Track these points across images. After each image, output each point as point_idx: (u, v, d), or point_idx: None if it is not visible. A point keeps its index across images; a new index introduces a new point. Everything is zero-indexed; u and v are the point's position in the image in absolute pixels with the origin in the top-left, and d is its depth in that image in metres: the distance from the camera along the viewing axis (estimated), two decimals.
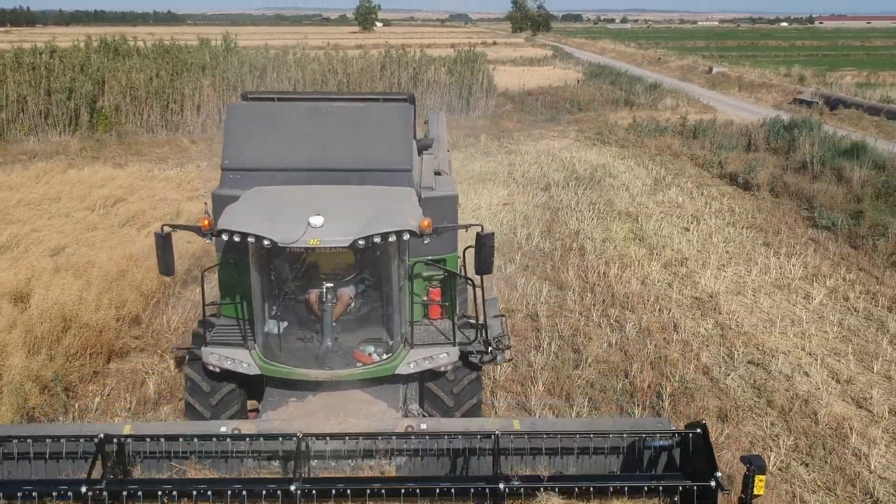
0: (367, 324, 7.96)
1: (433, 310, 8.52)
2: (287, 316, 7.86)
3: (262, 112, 8.69)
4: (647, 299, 13.20)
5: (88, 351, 10.44)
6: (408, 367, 7.66)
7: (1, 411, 8.34)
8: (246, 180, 8.02)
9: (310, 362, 7.54)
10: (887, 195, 19.34)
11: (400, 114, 8.54)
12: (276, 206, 7.34)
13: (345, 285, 7.85)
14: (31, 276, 12.05)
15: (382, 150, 8.24)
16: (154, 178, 21.62)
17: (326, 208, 6.98)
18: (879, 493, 7.91)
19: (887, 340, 11.61)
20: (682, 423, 9.07)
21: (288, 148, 8.26)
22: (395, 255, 7.46)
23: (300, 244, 6.82)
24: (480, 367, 8.30)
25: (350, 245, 6.88)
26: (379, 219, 7.04)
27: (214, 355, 7.66)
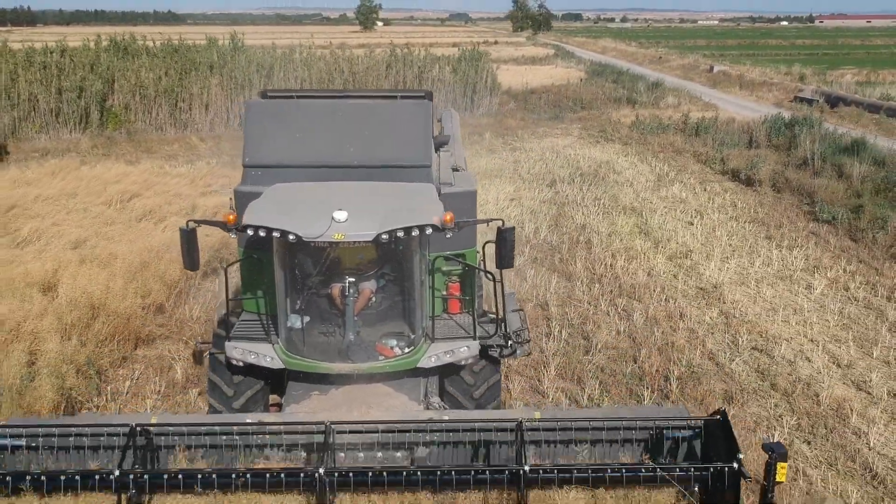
0: (388, 318, 8.04)
1: (453, 304, 8.58)
2: (309, 310, 7.90)
3: (282, 110, 8.71)
4: (654, 290, 13.60)
5: (117, 338, 10.83)
6: (429, 361, 7.73)
7: (42, 391, 8.72)
8: (267, 177, 8.08)
9: (333, 356, 7.61)
10: (886, 190, 19.72)
11: (418, 111, 8.57)
12: (299, 202, 7.45)
13: (366, 280, 7.92)
14: (57, 267, 12.46)
15: (401, 147, 8.30)
16: (166, 174, 22.03)
17: (349, 204, 7.05)
18: (878, 467, 8.31)
19: (886, 328, 12.01)
20: (689, 404, 9.52)
21: (308, 145, 8.32)
22: (416, 250, 7.58)
23: (324, 239, 6.89)
24: (500, 360, 8.39)
25: (373, 239, 6.94)
26: (401, 214, 7.14)
27: (238, 349, 7.74)
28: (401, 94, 9.44)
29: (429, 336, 7.86)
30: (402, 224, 6.99)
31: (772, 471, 6.43)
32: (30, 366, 9.36)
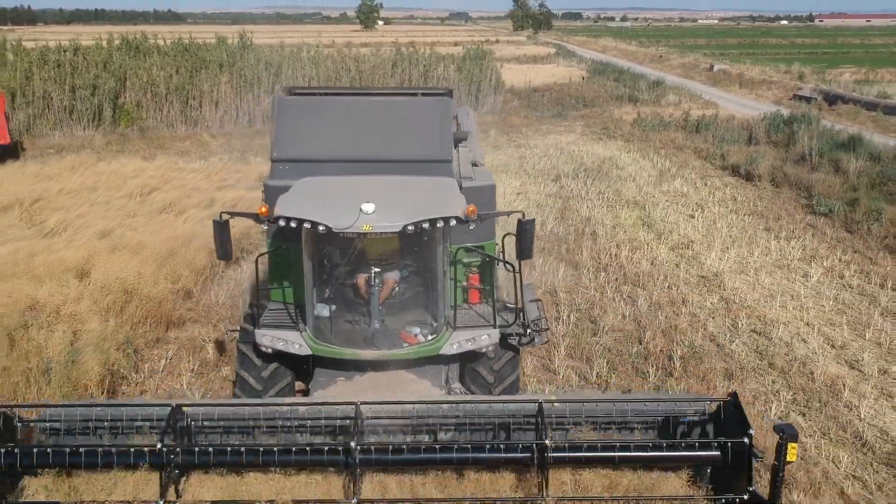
0: (411, 307, 8.24)
1: (472, 294, 8.77)
2: (336, 299, 8.13)
3: (309, 106, 8.96)
4: (657, 278, 14.22)
5: (150, 320, 11.46)
6: (451, 348, 7.93)
7: (89, 366, 9.33)
8: (295, 171, 8.29)
9: (359, 343, 7.83)
10: (882, 184, 20.33)
11: (440, 107, 8.80)
12: (328, 195, 7.70)
13: (390, 270, 8.12)
14: (89, 255, 13.07)
15: (423, 142, 8.51)
16: (182, 169, 22.65)
17: (376, 197, 7.24)
18: (868, 436, 8.93)
19: (878, 312, 12.62)
20: (692, 380, 10.15)
21: (334, 140, 8.54)
22: (439, 241, 7.78)
23: (353, 230, 7.08)
24: (518, 348, 8.63)
25: (400, 231, 7.14)
26: (426, 206, 7.35)
27: (267, 337, 7.94)
28: (422, 92, 9.68)
29: (450, 324, 8.08)
30: (428, 216, 7.19)
31: (783, 451, 6.55)
32: (72, 344, 9.96)
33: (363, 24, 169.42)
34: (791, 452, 6.53)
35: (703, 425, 7.33)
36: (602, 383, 10.22)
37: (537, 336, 8.68)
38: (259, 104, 32.71)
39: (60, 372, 9.15)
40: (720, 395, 9.47)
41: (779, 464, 6.57)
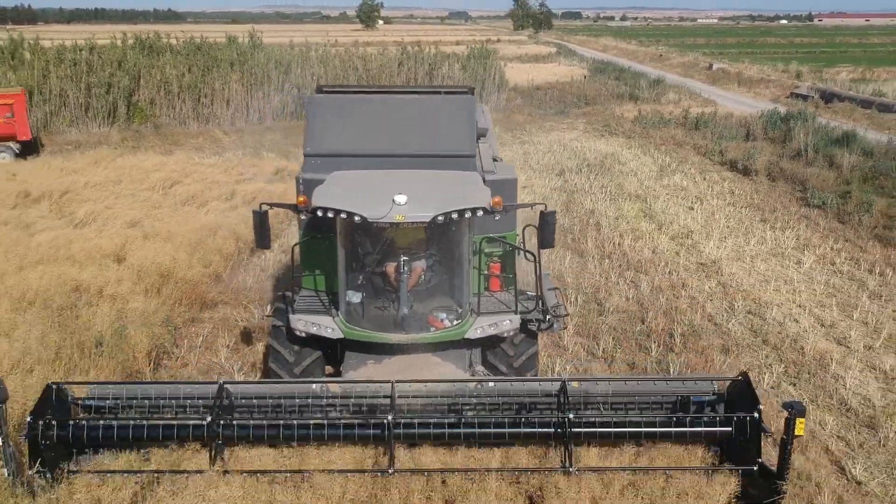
0: (437, 294, 8.65)
1: (493, 283, 9.17)
2: (366, 286, 8.56)
3: (339, 104, 9.33)
4: (658, 264, 15.04)
5: (185, 301, 12.27)
6: (475, 332, 8.35)
7: (136, 339, 10.14)
8: (326, 165, 8.74)
9: (388, 327, 8.23)
10: (874, 178, 21.20)
11: (463, 104, 9.22)
12: (361, 187, 8.11)
13: (418, 259, 8.52)
14: (124, 242, 13.89)
15: (448, 138, 8.90)
16: (199, 164, 23.44)
17: (406, 189, 7.60)
18: (852, 402, 9.76)
19: (866, 295, 13.44)
20: (691, 355, 10.97)
21: (363, 136, 8.99)
22: (465, 231, 8.18)
23: (387, 219, 7.47)
24: (537, 333, 9.07)
25: (430, 221, 7.54)
26: (455, 198, 7.76)
27: (301, 321, 8.38)
28: (445, 90, 10.15)
29: (474, 310, 8.49)
30: (457, 207, 7.59)
31: (791, 426, 6.89)
32: (118, 321, 10.77)
33: (364, 24, 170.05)
34: (799, 427, 6.90)
35: (714, 404, 7.80)
36: (608, 357, 11.03)
37: (556, 322, 9.11)
38: (269, 102, 33.54)
39: (111, 345, 9.95)
40: (717, 368, 10.40)
41: (787, 438, 6.94)
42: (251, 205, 18.08)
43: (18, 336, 9.79)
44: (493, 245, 8.99)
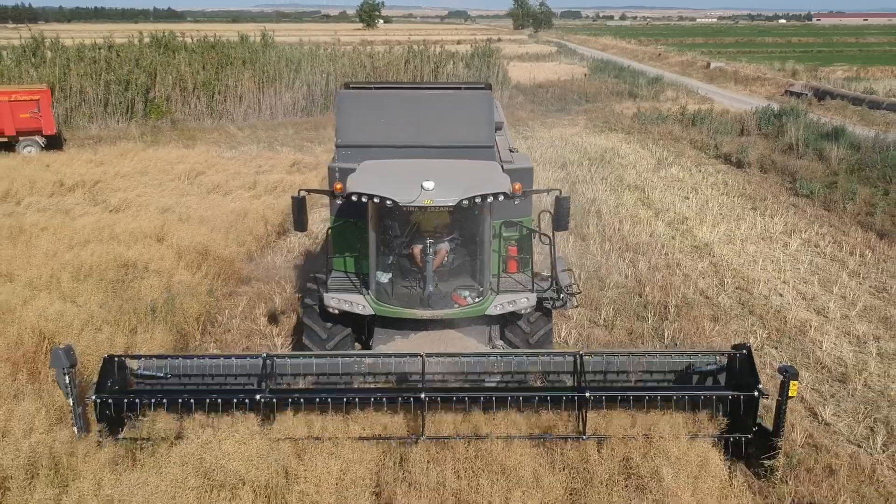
0: (460, 273, 9.34)
1: (511, 265, 9.85)
2: (395, 267, 9.26)
3: (368, 99, 10.07)
4: (655, 247, 16.21)
5: (222, 276, 13.44)
6: (495, 309, 9.05)
7: (187, 306, 11.32)
8: (356, 155, 9.42)
9: (415, 304, 8.91)
10: (860, 170, 22.38)
11: (482, 99, 9.94)
12: (391, 174, 8.69)
13: (442, 242, 9.19)
14: (163, 224, 15.06)
15: (469, 130, 9.61)
16: (220, 157, 24.63)
17: (433, 176, 8.24)
18: (827, 361, 10.94)
19: (846, 273, 14.63)
20: (684, 323, 12.14)
21: (390, 128, 9.67)
22: (485, 216, 8.84)
23: (416, 203, 8.16)
24: (552, 311, 9.77)
25: (456, 204, 8.19)
26: (478, 184, 8.40)
27: (334, 299, 9.12)
28: (465, 86, 10.96)
29: (494, 289, 9.18)
30: (480, 192, 8.23)
31: (785, 388, 7.49)
32: (167, 292, 11.94)
33: (365, 23, 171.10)
34: (793, 389, 7.51)
35: (716, 374, 8.55)
36: (609, 325, 12.21)
37: (569, 300, 9.79)
38: (280, 98, 34.69)
39: (163, 311, 11.12)
40: (707, 334, 11.58)
41: (782, 399, 7.51)
42: (273, 193, 19.33)
43: (82, 302, 10.99)
44: (511, 229, 9.67)
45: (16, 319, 10.16)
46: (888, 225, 17.42)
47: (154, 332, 10.44)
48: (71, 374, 7.62)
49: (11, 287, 11.49)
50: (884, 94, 37.77)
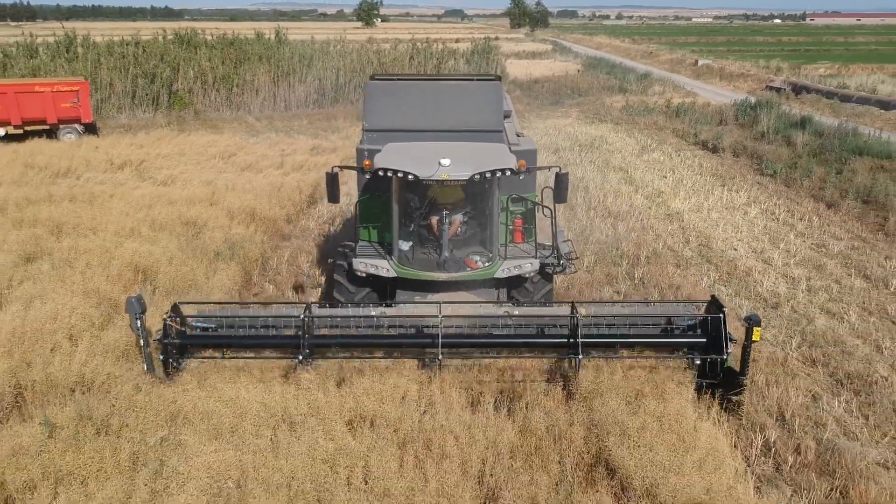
0: (472, 242, 10.40)
1: (516, 235, 10.97)
2: (414, 236, 10.32)
3: (391, 88, 11.08)
4: (633, 214, 18.84)
5: (269, 233, 16.03)
6: (502, 273, 10.16)
7: (247, 250, 13.92)
8: (381, 138, 10.50)
9: (433, 268, 9.98)
10: (821, 153, 25.07)
11: (492, 89, 10.95)
12: (413, 153, 9.66)
13: (456, 213, 10.19)
14: (212, 192, 17.66)
15: (481, 116, 10.68)
16: (245, 142, 27.19)
17: (449, 154, 9.26)
18: (765, 295, 13.58)
19: (793, 234, 17.28)
20: (652, 268, 14.75)
21: (411, 114, 10.74)
22: (494, 190, 9.90)
23: (435, 177, 9.19)
24: (552, 275, 10.92)
25: (469, 178, 9.17)
26: (488, 161, 9.42)
27: (362, 263, 10.33)
28: (476, 77, 11.70)
29: (502, 255, 10.30)
30: (490, 167, 9.26)
31: (749, 334, 8.52)
32: (227, 241, 14.53)
33: (364, 22, 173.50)
34: (755, 334, 8.51)
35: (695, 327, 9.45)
36: (590, 270, 14.83)
37: (568, 265, 10.87)
38: (293, 91, 37.27)
39: (227, 255, 13.71)
40: (670, 276, 14.17)
41: (747, 344, 8.48)
42: (300, 171, 21.94)
43: (163, 246, 13.59)
44: (517, 203, 10.84)
45: (115, 257, 12.76)
46: (836, 197, 20.11)
47: (226, 269, 13.02)
48: (142, 319, 8.68)
49: (102, 236, 14.09)
50: (855, 89, 40.49)
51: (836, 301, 13.38)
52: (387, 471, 7.07)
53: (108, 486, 6.86)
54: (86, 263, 12.44)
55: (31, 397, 8.78)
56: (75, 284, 11.47)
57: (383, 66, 39.19)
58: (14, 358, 9.19)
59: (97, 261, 12.57)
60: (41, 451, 7.38)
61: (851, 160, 23.44)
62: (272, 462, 7.19)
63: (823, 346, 11.49)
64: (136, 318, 8.68)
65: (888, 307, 13.05)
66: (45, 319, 10.05)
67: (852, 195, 19.95)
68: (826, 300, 13.42)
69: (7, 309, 10.56)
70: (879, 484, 7.92)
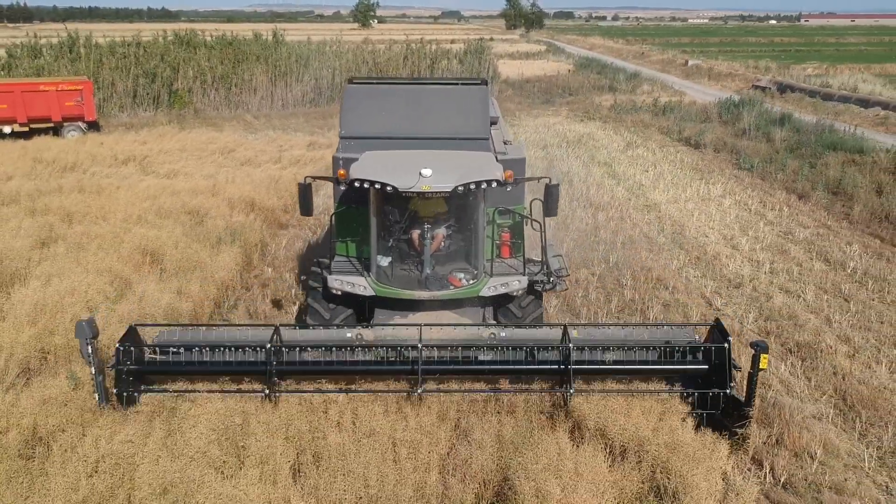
0: (455, 257, 9.70)
1: (504, 250, 10.30)
2: (394, 251, 9.61)
3: (370, 93, 10.47)
4: (613, 205, 19.85)
5: (267, 221, 17.02)
6: (488, 291, 9.42)
7: (247, 236, 14.90)
8: (358, 146, 9.79)
9: (413, 286, 9.25)
10: (798, 148, 26.11)
11: (478, 93, 10.37)
12: (392, 163, 9.03)
13: (439, 227, 9.53)
14: (213, 184, 18.66)
15: (465, 123, 10.04)
16: (245, 138, 28.18)
17: (431, 164, 8.61)
18: (729, 276, 14.59)
19: (763, 223, 18.30)
20: (627, 252, 15.77)
21: (391, 121, 10.11)
22: (480, 202, 9.19)
23: (415, 189, 8.46)
24: (542, 294, 10.26)
25: (452, 190, 8.49)
26: (472, 171, 8.78)
27: (338, 281, 9.51)
28: (462, 81, 11.09)
29: (487, 272, 9.58)
30: (474, 178, 8.60)
31: (756, 361, 7.73)
32: (228, 227, 15.51)
33: (360, 23, 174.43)
34: (763, 362, 7.71)
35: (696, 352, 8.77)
36: (569, 255, 15.82)
37: (559, 283, 10.24)
38: (291, 91, 38.25)
39: (231, 239, 14.70)
40: (643, 259, 15.16)
41: (753, 371, 7.71)
42: (297, 165, 22.94)
43: (168, 231, 14.57)
44: (505, 216, 10.20)
45: (124, 241, 13.75)
46: (807, 189, 21.15)
47: (229, 251, 14.00)
48: (93, 344, 7.91)
49: (111, 223, 15.09)
50: (837, 88, 41.58)
51: (795, 281, 14.41)
52: (373, 415, 8.06)
53: (128, 428, 7.83)
54: (98, 246, 13.45)
55: (53, 360, 9.76)
56: (89, 264, 12.47)
57: (378, 65, 40.20)
58: (38, 326, 10.17)
59: (108, 244, 13.58)
60: (67, 402, 8.35)
61: (825, 155, 24.47)
62: (271, 409, 8.19)
63: (778, 320, 12.50)
64: (86, 343, 7.91)
65: (843, 286, 14.08)
66: (64, 293, 11.06)
67: (822, 187, 20.99)
68: (786, 280, 14.44)
69: (29, 285, 11.54)
70: (811, 432, 8.92)
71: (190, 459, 7.19)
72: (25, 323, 10.23)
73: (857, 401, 9.85)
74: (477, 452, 7.48)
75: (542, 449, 7.39)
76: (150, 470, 7.05)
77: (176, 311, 11.04)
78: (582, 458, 7.32)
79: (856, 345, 11.58)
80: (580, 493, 6.75)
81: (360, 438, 7.67)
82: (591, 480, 6.97)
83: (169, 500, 6.80)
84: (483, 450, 7.51)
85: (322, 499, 7.06)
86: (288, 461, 7.36)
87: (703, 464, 7.42)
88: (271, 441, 7.53)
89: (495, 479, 7.33)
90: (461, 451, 7.55)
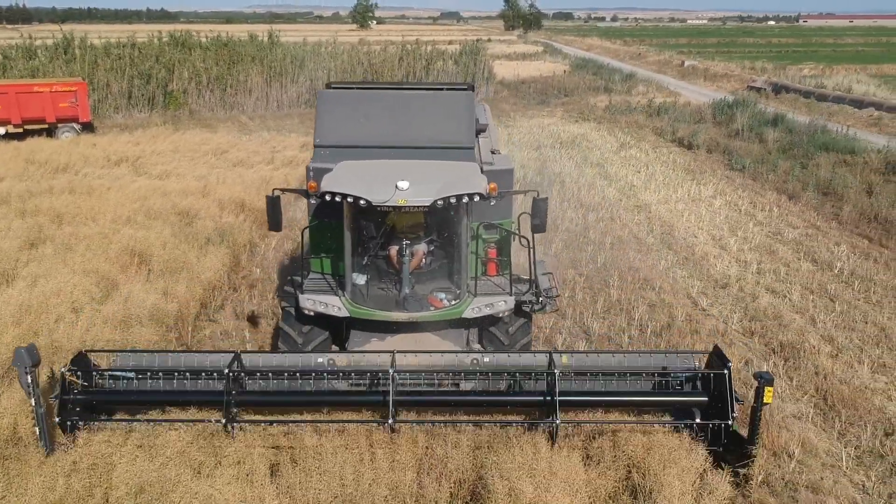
0: (437, 276, 9.10)
1: (490, 267, 9.61)
2: (371, 268, 9.03)
3: (348, 98, 9.82)
4: (604, 205, 19.89)
5: (256, 222, 17.04)
6: (472, 312, 8.75)
7: (237, 236, 14.94)
8: (334, 155, 9.10)
9: (391, 306, 8.65)
10: (790, 149, 26.18)
11: (463, 100, 9.75)
12: (367, 174, 8.44)
13: (419, 243, 9.01)
14: (205, 185, 18.70)
15: (449, 131, 9.41)
16: (238, 139, 28.22)
17: (409, 176, 8.05)
18: (716, 276, 14.64)
19: (752, 223, 18.34)
20: (616, 252, 15.80)
21: (369, 128, 9.46)
22: (463, 216, 8.61)
23: (391, 203, 7.90)
24: (531, 315, 9.57)
25: (430, 204, 7.96)
26: (454, 184, 8.17)
27: (310, 300, 8.78)
28: (446, 86, 10.58)
29: (471, 292, 8.91)
30: (455, 192, 8.02)
31: (761, 394, 7.22)
32: (217, 228, 15.54)
33: (359, 24, 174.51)
34: (767, 395, 7.18)
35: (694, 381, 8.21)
36: (557, 255, 15.87)
37: (548, 303, 9.64)
38: (285, 92, 38.30)
39: (219, 240, 14.74)
40: (630, 259, 15.21)
41: (757, 405, 7.22)
42: (289, 166, 22.97)
43: (157, 232, 14.61)
44: (491, 232, 9.53)
45: (112, 242, 13.79)
46: (798, 189, 21.20)
47: (216, 252, 14.04)
48: (33, 373, 7.28)
49: (100, 224, 15.13)
50: (832, 89, 41.64)
51: (781, 282, 14.45)
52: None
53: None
54: (85, 247, 13.49)
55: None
56: (76, 265, 12.51)
57: (373, 66, 40.25)
58: (22, 327, 10.20)
59: (96, 245, 13.62)
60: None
61: (817, 155, 24.53)
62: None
63: (763, 320, 12.54)
64: (25, 372, 7.24)
65: (829, 286, 14.12)
66: (50, 294, 11.09)
67: (812, 187, 21.04)
68: (772, 281, 14.49)
69: (15, 286, 11.58)
70: (791, 431, 8.97)
71: (167, 459, 7.22)
72: (10, 323, 10.26)
73: (837, 400, 9.90)
74: (453, 452, 7.51)
75: (517, 449, 7.42)
76: (127, 470, 7.09)
77: (161, 312, 11.08)
78: (557, 458, 7.36)
79: (839, 345, 11.63)
80: (553, 493, 6.79)
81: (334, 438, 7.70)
82: (565, 479, 7.00)
83: (144, 499, 6.83)
84: (459, 449, 7.55)
85: (298, 498, 7.10)
86: (265, 462, 7.39)
87: (678, 464, 7.45)
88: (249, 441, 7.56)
89: (470, 479, 7.37)
90: (437, 450, 7.58)
